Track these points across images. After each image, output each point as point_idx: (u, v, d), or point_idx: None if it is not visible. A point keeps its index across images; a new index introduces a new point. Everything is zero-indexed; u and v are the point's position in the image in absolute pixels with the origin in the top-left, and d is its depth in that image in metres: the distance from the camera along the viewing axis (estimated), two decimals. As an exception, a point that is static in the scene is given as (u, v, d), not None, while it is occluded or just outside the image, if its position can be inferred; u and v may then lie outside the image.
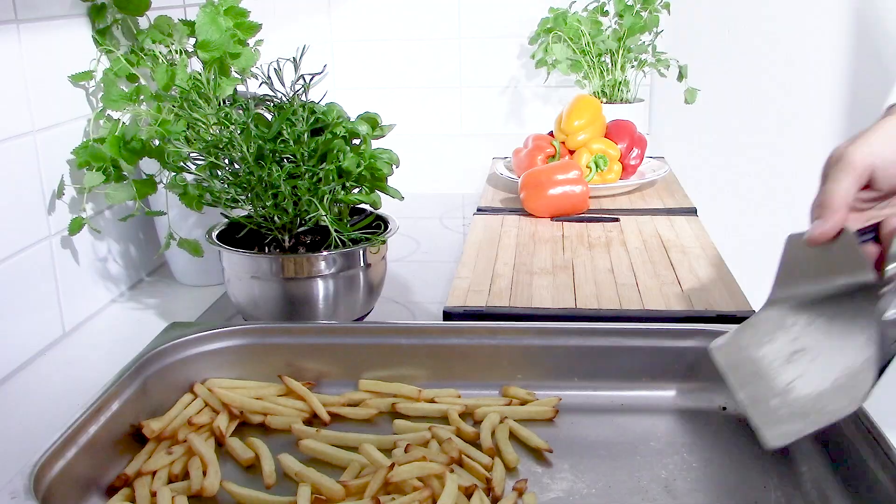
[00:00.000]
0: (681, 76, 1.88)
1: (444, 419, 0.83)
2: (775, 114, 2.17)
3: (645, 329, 0.87)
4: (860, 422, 0.70)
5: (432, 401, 0.86)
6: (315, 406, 0.84)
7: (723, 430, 0.82)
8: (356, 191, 0.97)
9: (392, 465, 0.70)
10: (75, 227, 1.00)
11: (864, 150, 0.71)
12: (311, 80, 0.93)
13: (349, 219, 0.99)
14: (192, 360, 0.86)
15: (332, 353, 0.89)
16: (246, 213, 0.97)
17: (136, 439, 0.78)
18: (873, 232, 0.72)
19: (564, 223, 1.37)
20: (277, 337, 0.89)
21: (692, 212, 1.43)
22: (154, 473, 0.73)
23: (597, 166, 1.53)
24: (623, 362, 0.87)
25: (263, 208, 0.94)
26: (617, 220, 1.38)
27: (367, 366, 0.88)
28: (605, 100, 1.91)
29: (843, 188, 0.70)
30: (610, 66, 1.92)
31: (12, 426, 0.82)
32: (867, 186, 0.73)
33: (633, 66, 1.94)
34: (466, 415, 0.84)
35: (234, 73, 1.15)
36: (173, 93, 1.05)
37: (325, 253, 0.95)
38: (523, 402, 0.86)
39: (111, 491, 0.72)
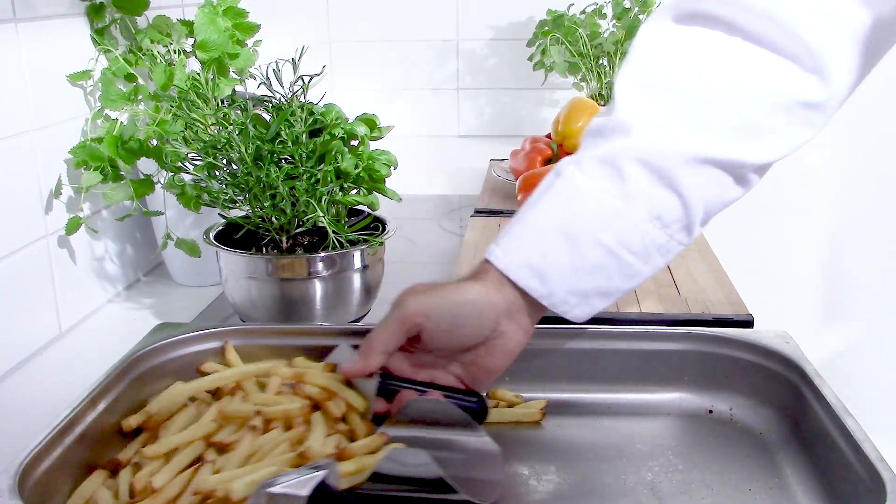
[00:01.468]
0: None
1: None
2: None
3: (631, 332, 0.87)
4: (845, 427, 0.71)
5: None
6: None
7: (709, 433, 0.82)
8: (354, 192, 0.97)
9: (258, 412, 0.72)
10: (72, 226, 1.00)
11: (420, 306, 0.74)
12: (310, 80, 0.93)
13: (347, 220, 0.99)
14: (179, 360, 0.86)
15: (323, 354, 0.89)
16: (243, 213, 0.97)
17: (123, 439, 0.78)
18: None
19: (562, 225, 1.36)
20: (268, 338, 0.89)
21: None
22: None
23: (594, 169, 1.53)
24: (610, 365, 0.87)
25: (261, 209, 0.94)
26: (614, 222, 1.37)
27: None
28: (602, 102, 1.92)
29: (384, 335, 0.75)
30: (608, 68, 1.92)
31: (8, 426, 0.82)
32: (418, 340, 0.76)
33: (630, 69, 1.94)
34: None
35: (232, 73, 1.15)
36: (171, 93, 1.05)
37: (322, 254, 0.95)
38: (510, 405, 0.86)
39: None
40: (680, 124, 0.75)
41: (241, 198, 0.95)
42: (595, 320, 0.97)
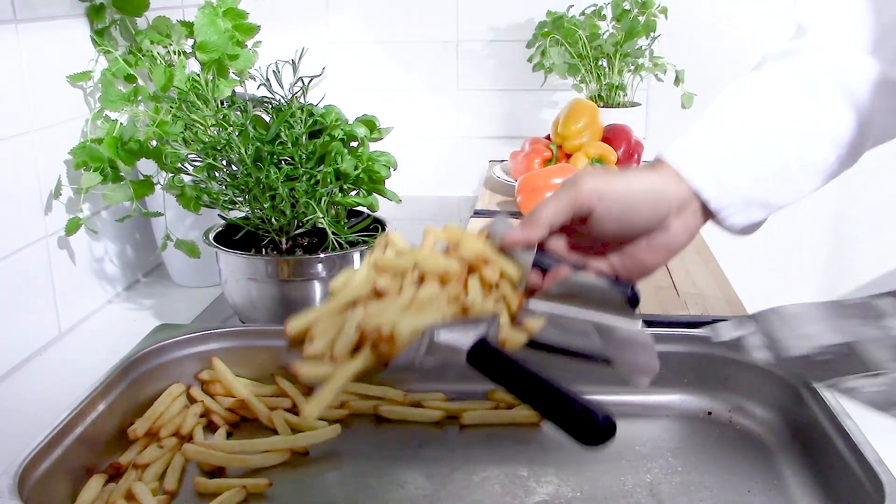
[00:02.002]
0: (678, 80, 1.89)
1: (426, 424, 0.84)
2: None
3: (632, 334, 0.87)
4: (844, 429, 0.71)
5: (418, 404, 0.86)
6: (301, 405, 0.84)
7: (708, 435, 0.82)
8: (353, 193, 0.97)
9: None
10: (72, 227, 1.00)
11: (595, 186, 0.72)
12: (310, 82, 0.93)
13: (346, 221, 0.99)
14: (179, 361, 0.87)
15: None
16: (243, 214, 0.97)
17: (123, 440, 0.78)
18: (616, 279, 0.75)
19: (561, 227, 1.37)
20: (265, 339, 0.89)
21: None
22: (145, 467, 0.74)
23: (594, 170, 1.53)
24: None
25: (261, 210, 0.94)
26: (613, 224, 1.38)
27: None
28: (602, 104, 1.92)
29: (552, 209, 0.72)
30: (607, 70, 1.92)
31: (8, 426, 0.82)
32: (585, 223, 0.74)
33: (630, 71, 1.94)
34: (451, 419, 0.84)
35: (232, 74, 1.15)
36: (171, 94, 1.05)
37: (322, 255, 0.95)
38: (510, 406, 0.86)
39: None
40: (874, 48, 0.75)
41: (240, 199, 0.95)
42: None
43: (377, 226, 1.03)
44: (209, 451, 0.76)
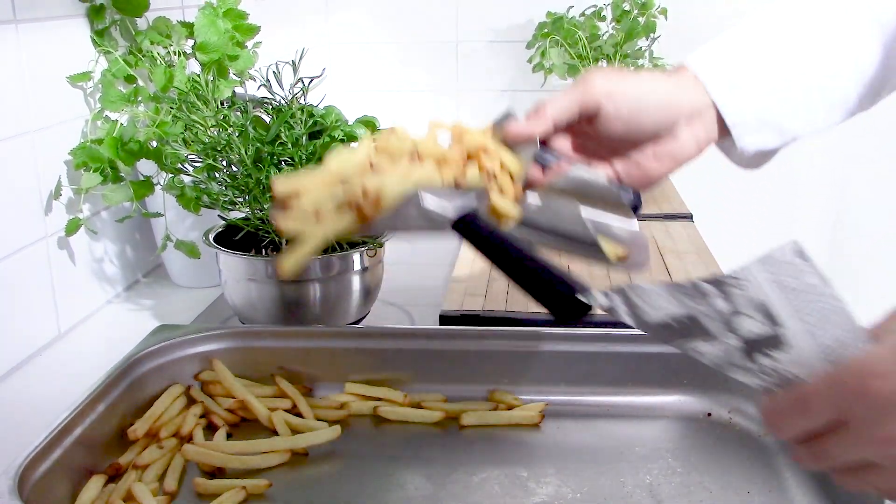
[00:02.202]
0: (678, 82, 1.89)
1: (426, 425, 0.84)
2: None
3: (630, 335, 0.88)
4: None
5: (418, 405, 0.86)
6: (302, 408, 0.84)
7: (708, 436, 0.82)
8: (354, 194, 0.97)
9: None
10: (72, 227, 1.00)
11: (606, 84, 0.70)
12: (310, 83, 0.93)
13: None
14: (178, 362, 0.87)
15: (321, 356, 0.89)
16: (243, 215, 0.97)
17: (123, 441, 0.78)
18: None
19: (561, 228, 1.37)
20: (265, 340, 0.89)
21: (688, 217, 1.43)
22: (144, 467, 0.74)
23: (593, 171, 1.53)
24: (608, 368, 0.87)
25: (261, 211, 0.94)
26: (613, 224, 1.38)
27: (356, 369, 0.89)
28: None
29: (559, 104, 0.70)
30: (607, 71, 1.92)
31: (7, 427, 0.82)
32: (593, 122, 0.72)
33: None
34: (451, 420, 0.84)
35: (232, 75, 1.15)
36: (171, 94, 1.05)
37: (322, 256, 0.95)
38: (509, 407, 0.86)
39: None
40: None
41: (240, 199, 0.95)
42: (594, 323, 0.97)
43: (377, 226, 1.02)
44: (209, 451, 0.76)
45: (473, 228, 0.62)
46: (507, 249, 0.61)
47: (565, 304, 0.58)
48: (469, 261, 1.21)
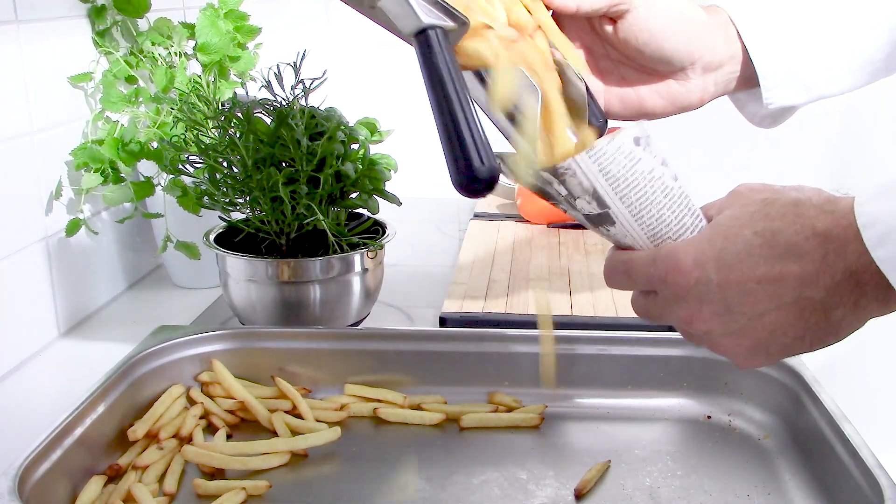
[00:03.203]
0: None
1: (426, 427, 0.84)
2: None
3: (630, 337, 0.88)
4: (844, 433, 0.71)
5: (418, 407, 0.86)
6: (302, 409, 0.84)
7: (707, 439, 0.82)
8: (354, 195, 0.97)
9: None
10: (73, 228, 1.00)
11: None
12: (311, 84, 0.93)
13: (347, 223, 0.99)
14: (178, 363, 0.87)
15: (321, 358, 0.89)
16: (244, 216, 0.97)
17: (123, 441, 0.78)
18: None
19: (561, 230, 1.37)
20: (265, 341, 0.89)
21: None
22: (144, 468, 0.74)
23: (594, 173, 1.53)
24: (608, 370, 0.87)
25: (261, 212, 0.94)
26: (613, 227, 1.38)
27: (356, 371, 0.89)
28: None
29: None
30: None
31: (7, 428, 0.82)
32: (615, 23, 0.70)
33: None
34: (451, 421, 0.84)
35: (233, 76, 1.15)
36: (172, 95, 1.05)
37: (322, 257, 0.95)
38: (509, 409, 0.86)
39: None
40: None
41: (241, 200, 0.95)
42: (593, 324, 0.97)
43: (377, 228, 1.03)
44: (209, 452, 0.76)
45: (435, 49, 0.60)
46: (449, 91, 0.59)
47: (466, 172, 0.59)
48: (469, 263, 1.21)
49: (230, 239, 1.00)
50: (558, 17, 0.69)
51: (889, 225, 0.50)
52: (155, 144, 1.03)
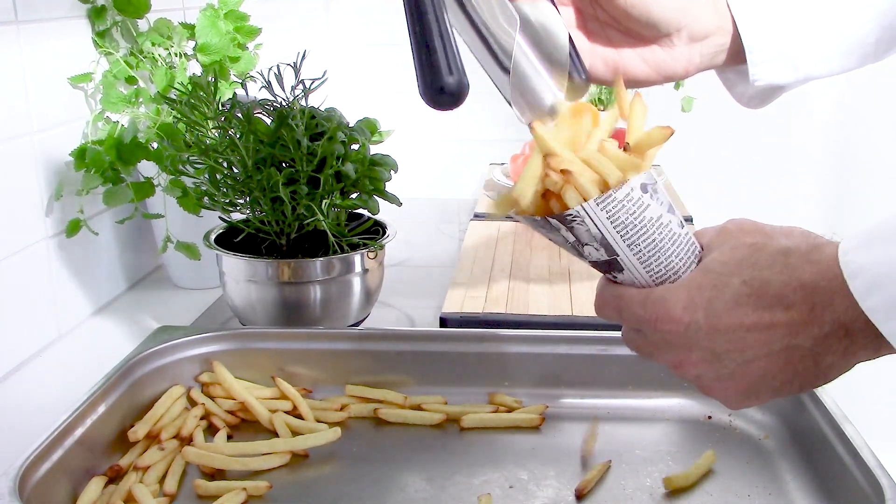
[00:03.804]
0: (677, 85, 1.89)
1: (426, 427, 0.84)
2: (772, 122, 2.18)
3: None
4: (844, 434, 0.71)
5: (418, 407, 0.86)
6: (303, 410, 0.84)
7: (708, 439, 0.82)
8: (354, 196, 0.97)
9: None
10: (72, 228, 1.00)
11: None
12: (311, 85, 0.93)
13: (347, 224, 0.99)
14: (179, 364, 0.87)
15: (321, 358, 0.89)
16: (244, 216, 0.97)
17: (123, 442, 0.78)
18: None
19: (561, 230, 1.37)
20: (266, 342, 0.89)
21: (688, 220, 1.43)
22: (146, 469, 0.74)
23: (594, 173, 1.53)
24: (609, 371, 0.87)
25: (262, 212, 0.94)
26: (613, 227, 1.38)
27: (357, 371, 0.89)
28: (601, 107, 1.92)
29: None
30: (607, 73, 1.92)
31: (7, 428, 0.82)
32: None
33: (630, 74, 1.94)
34: (451, 422, 0.84)
35: (233, 76, 1.15)
36: (172, 95, 1.05)
37: (322, 258, 0.95)
38: (510, 410, 0.86)
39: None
40: None
41: (241, 201, 0.95)
42: (594, 324, 0.97)
43: (378, 228, 1.03)
44: (209, 453, 0.76)
45: None
46: (427, 14, 0.61)
47: (434, 82, 0.60)
48: (469, 263, 1.21)
49: (230, 239, 1.00)
50: None
51: (875, 274, 0.50)
52: (155, 145, 1.03)
